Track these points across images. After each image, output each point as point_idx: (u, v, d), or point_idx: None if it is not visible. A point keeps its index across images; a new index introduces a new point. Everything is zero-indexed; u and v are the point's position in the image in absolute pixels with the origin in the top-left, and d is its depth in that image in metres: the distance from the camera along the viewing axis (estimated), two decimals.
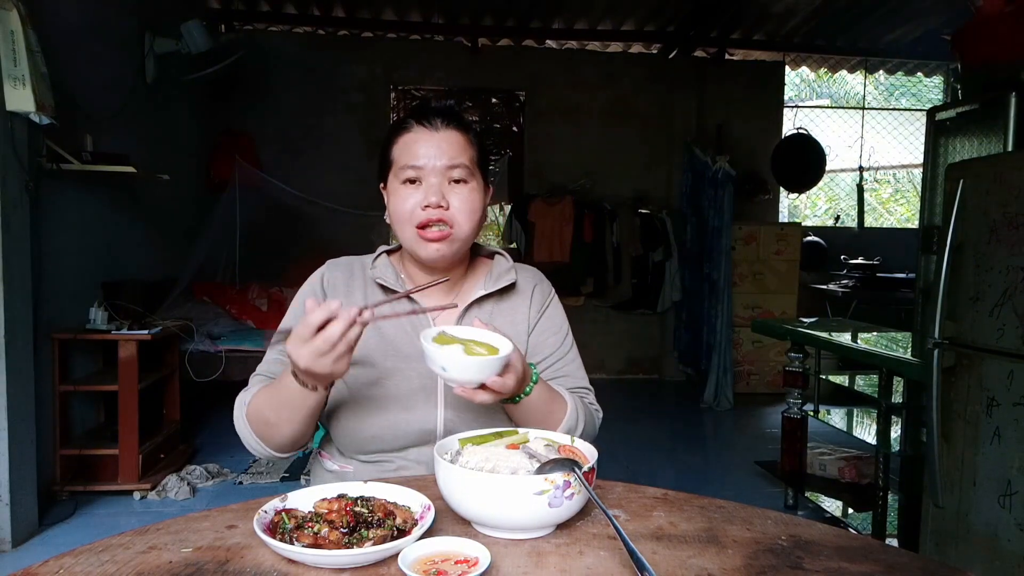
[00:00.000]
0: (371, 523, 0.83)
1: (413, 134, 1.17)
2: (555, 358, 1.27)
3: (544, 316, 1.28)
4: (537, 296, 1.29)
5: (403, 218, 1.15)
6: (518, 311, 1.26)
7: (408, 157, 1.15)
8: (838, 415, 3.28)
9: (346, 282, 1.24)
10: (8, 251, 2.62)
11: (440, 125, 1.17)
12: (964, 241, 1.94)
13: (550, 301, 1.31)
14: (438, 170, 1.14)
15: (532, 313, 1.27)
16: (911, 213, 7.61)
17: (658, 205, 6.02)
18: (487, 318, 1.21)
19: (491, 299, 1.25)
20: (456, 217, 1.15)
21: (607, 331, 6.20)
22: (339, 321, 0.92)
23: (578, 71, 6.13)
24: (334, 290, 1.23)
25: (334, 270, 1.26)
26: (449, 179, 1.15)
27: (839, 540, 0.90)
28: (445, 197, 1.14)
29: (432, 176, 1.14)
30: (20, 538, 2.69)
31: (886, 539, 2.64)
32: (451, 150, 1.16)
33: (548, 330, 1.28)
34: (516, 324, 1.25)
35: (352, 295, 1.22)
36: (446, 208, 1.14)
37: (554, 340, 1.28)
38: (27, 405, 2.76)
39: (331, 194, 5.29)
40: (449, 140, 1.16)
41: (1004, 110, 2.36)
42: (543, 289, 1.31)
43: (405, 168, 1.15)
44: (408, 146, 1.17)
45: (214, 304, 4.55)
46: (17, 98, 2.60)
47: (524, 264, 1.34)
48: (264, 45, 5.63)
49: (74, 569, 0.77)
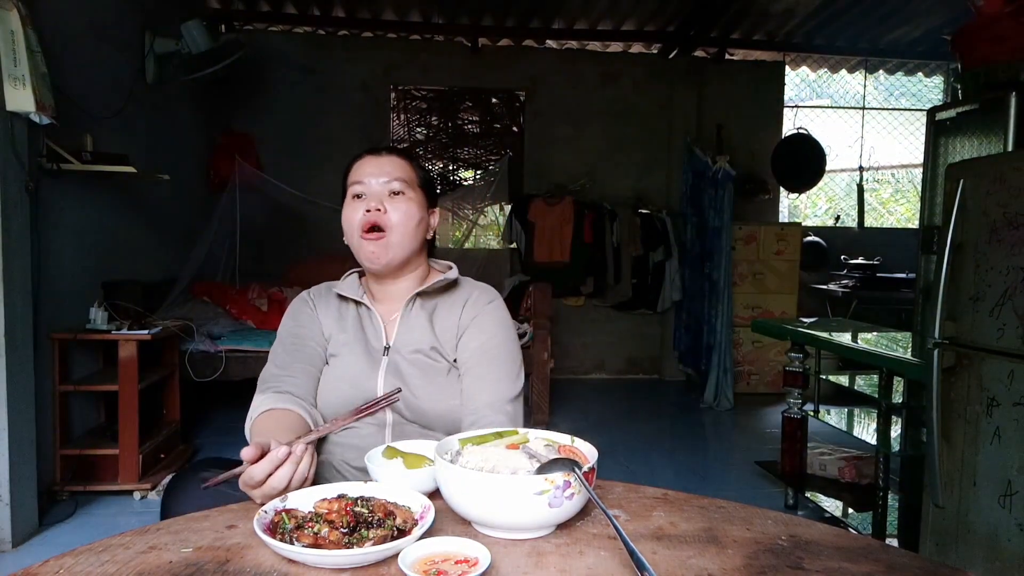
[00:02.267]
0: (371, 523, 0.83)
1: (361, 160, 1.37)
2: (471, 363, 1.31)
3: (474, 323, 1.35)
4: (475, 300, 1.38)
5: (352, 227, 1.33)
6: (454, 307, 1.37)
7: (356, 176, 1.35)
8: (838, 415, 3.28)
9: (324, 300, 1.42)
10: (8, 251, 2.62)
11: (384, 152, 1.38)
12: (964, 241, 1.94)
13: (485, 311, 1.36)
14: (379, 184, 1.33)
15: (465, 314, 1.36)
16: (911, 213, 7.60)
17: (658, 205, 6.02)
18: (428, 313, 1.36)
19: (435, 297, 1.38)
20: (391, 222, 1.31)
21: (607, 331, 6.20)
22: (286, 467, 0.96)
23: (578, 71, 6.13)
24: (314, 306, 1.41)
25: (314, 292, 1.45)
26: (389, 191, 1.33)
27: (839, 540, 0.90)
28: (383, 204, 1.31)
29: (374, 190, 1.33)
30: (20, 538, 2.69)
31: (886, 539, 2.64)
32: (392, 170, 1.34)
33: (473, 337, 1.33)
34: (450, 319, 1.36)
35: (328, 309, 1.40)
36: (384, 212, 1.31)
37: (475, 345, 1.32)
38: (27, 405, 2.76)
39: (331, 194, 5.23)
40: (390, 163, 1.35)
41: (1004, 110, 2.36)
42: (482, 298, 1.38)
43: (353, 184, 1.34)
44: (357, 169, 1.36)
45: (214, 304, 4.54)
46: (17, 98, 2.60)
47: (480, 283, 1.44)
48: (264, 45, 5.63)
49: (74, 569, 0.77)
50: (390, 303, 1.40)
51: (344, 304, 1.40)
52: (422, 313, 1.36)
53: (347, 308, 1.40)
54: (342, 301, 1.40)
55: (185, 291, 4.43)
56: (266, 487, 0.95)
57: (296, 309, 1.41)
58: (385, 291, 1.40)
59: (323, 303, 1.41)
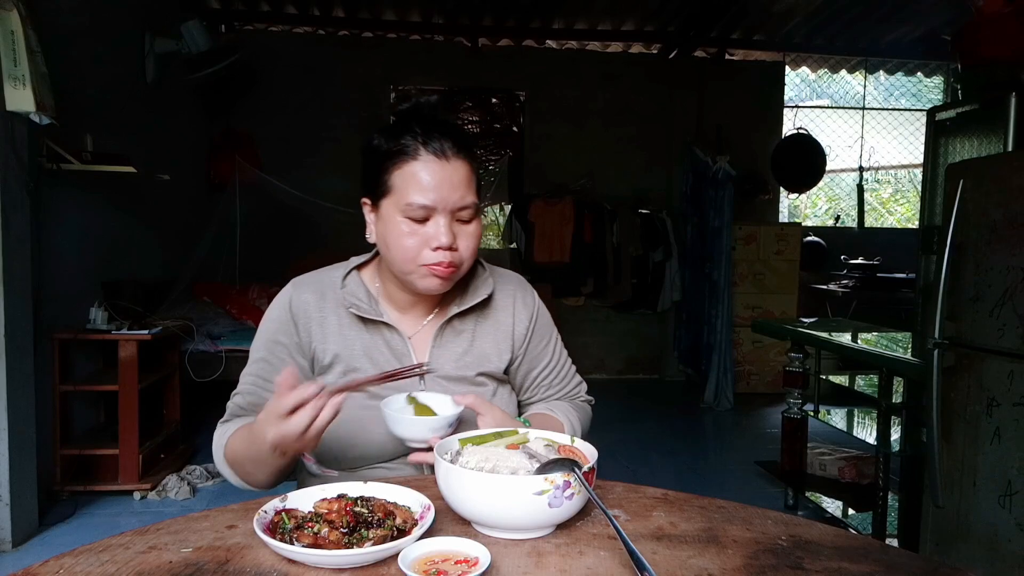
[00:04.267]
0: (371, 523, 0.83)
1: (420, 163, 1.06)
2: (550, 367, 1.30)
3: (534, 332, 1.26)
4: (521, 310, 1.25)
5: (405, 256, 1.07)
6: (501, 328, 1.23)
7: (416, 193, 1.05)
8: (838, 415, 3.28)
9: (318, 306, 1.16)
10: (8, 251, 2.62)
11: (450, 154, 1.06)
12: (964, 241, 1.94)
13: (536, 311, 1.28)
14: (447, 210, 1.06)
15: (518, 331, 1.24)
16: (911, 213, 7.60)
17: (658, 205, 6.02)
18: (469, 335, 1.20)
19: (472, 313, 1.21)
20: (463, 256, 1.10)
21: (607, 331, 6.20)
22: (308, 409, 0.92)
23: (578, 71, 6.13)
24: (306, 317, 1.16)
25: (303, 292, 1.17)
26: (457, 218, 1.08)
27: (839, 540, 0.90)
28: (455, 237, 1.07)
29: (442, 216, 1.06)
30: (20, 538, 2.69)
31: (886, 539, 2.64)
32: (462, 187, 1.07)
33: (540, 343, 1.28)
34: (500, 343, 1.23)
35: (326, 321, 1.16)
36: (456, 250, 1.08)
37: (548, 350, 1.29)
38: (27, 405, 2.76)
39: (331, 194, 5.29)
40: (459, 174, 1.07)
41: (1004, 110, 2.35)
42: (526, 300, 1.27)
43: (413, 207, 1.05)
44: (414, 177, 1.05)
45: (214, 304, 4.55)
46: (17, 98, 2.60)
47: (502, 269, 1.30)
48: (264, 45, 5.64)
49: (74, 569, 0.77)
50: (411, 311, 1.20)
51: (346, 318, 1.17)
52: (463, 330, 1.20)
53: (350, 316, 1.17)
54: (349, 317, 1.16)
55: (185, 291, 4.44)
56: (289, 423, 0.91)
57: (273, 319, 1.18)
58: (405, 298, 1.18)
59: (316, 312, 1.16)
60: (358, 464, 1.16)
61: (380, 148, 1.09)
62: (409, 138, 1.07)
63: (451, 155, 1.07)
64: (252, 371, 1.18)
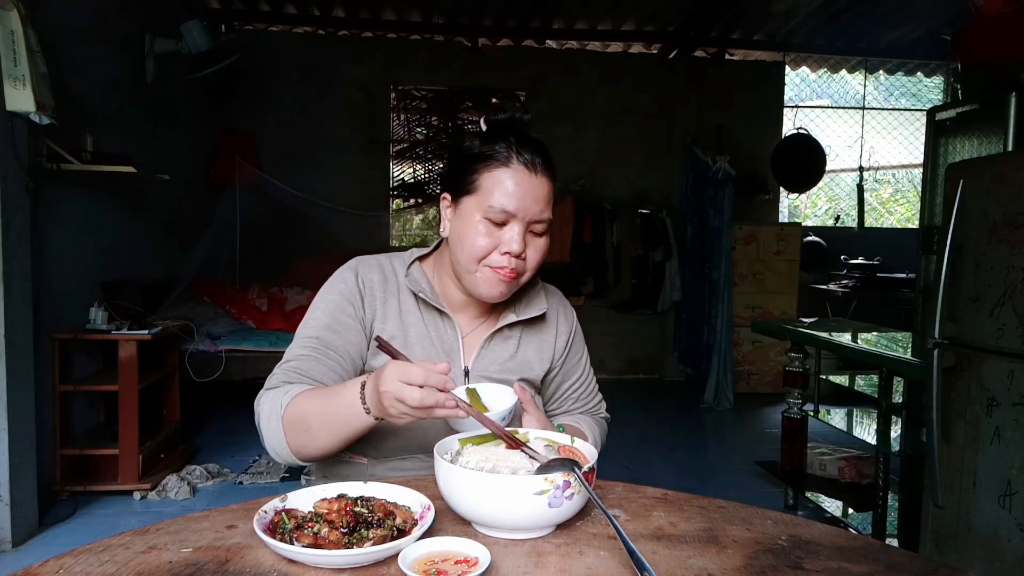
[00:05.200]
0: (371, 523, 0.83)
1: (511, 170, 1.12)
2: (580, 381, 1.36)
3: (572, 346, 1.34)
4: (563, 324, 1.33)
5: (475, 254, 1.12)
6: (544, 339, 1.29)
7: (503, 198, 1.11)
8: (838, 415, 3.28)
9: (382, 286, 1.21)
10: (8, 251, 2.62)
11: (539, 168, 1.14)
12: (964, 241, 1.94)
13: (575, 327, 1.36)
14: (525, 220, 1.12)
15: (559, 344, 1.31)
16: (911, 213, 7.61)
17: (658, 205, 6.02)
18: (516, 341, 1.25)
19: (520, 322, 1.26)
20: (528, 266, 1.16)
21: (607, 331, 6.19)
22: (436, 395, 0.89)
23: (578, 71, 6.13)
24: (371, 293, 1.20)
25: (368, 271, 1.22)
26: (531, 230, 1.14)
27: (839, 540, 0.90)
28: (526, 247, 1.14)
29: (519, 224, 1.12)
30: (20, 538, 2.69)
31: (886, 539, 2.64)
32: (542, 201, 1.14)
33: (575, 358, 1.35)
34: (543, 352, 1.29)
35: (388, 302, 1.20)
36: (523, 259, 1.14)
37: (580, 365, 1.36)
38: (27, 405, 2.76)
39: (331, 194, 5.29)
40: (543, 189, 1.14)
41: (1004, 110, 2.35)
42: (567, 316, 1.35)
43: (495, 209, 1.11)
44: (503, 182, 1.11)
45: (214, 304, 4.55)
46: (17, 98, 2.60)
47: (549, 285, 1.36)
48: (264, 45, 5.63)
49: (74, 569, 0.77)
50: (465, 311, 1.24)
51: (408, 300, 1.21)
52: (511, 336, 1.25)
53: (410, 303, 1.21)
54: (411, 298, 1.21)
55: (185, 291, 4.44)
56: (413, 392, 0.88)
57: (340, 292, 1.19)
58: (459, 297, 1.22)
59: (380, 292, 1.21)
60: (392, 454, 1.16)
61: (472, 149, 1.15)
62: (503, 145, 1.13)
63: (539, 170, 1.14)
64: (312, 338, 1.15)
